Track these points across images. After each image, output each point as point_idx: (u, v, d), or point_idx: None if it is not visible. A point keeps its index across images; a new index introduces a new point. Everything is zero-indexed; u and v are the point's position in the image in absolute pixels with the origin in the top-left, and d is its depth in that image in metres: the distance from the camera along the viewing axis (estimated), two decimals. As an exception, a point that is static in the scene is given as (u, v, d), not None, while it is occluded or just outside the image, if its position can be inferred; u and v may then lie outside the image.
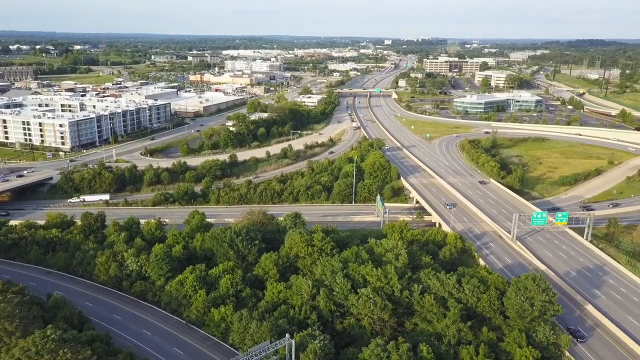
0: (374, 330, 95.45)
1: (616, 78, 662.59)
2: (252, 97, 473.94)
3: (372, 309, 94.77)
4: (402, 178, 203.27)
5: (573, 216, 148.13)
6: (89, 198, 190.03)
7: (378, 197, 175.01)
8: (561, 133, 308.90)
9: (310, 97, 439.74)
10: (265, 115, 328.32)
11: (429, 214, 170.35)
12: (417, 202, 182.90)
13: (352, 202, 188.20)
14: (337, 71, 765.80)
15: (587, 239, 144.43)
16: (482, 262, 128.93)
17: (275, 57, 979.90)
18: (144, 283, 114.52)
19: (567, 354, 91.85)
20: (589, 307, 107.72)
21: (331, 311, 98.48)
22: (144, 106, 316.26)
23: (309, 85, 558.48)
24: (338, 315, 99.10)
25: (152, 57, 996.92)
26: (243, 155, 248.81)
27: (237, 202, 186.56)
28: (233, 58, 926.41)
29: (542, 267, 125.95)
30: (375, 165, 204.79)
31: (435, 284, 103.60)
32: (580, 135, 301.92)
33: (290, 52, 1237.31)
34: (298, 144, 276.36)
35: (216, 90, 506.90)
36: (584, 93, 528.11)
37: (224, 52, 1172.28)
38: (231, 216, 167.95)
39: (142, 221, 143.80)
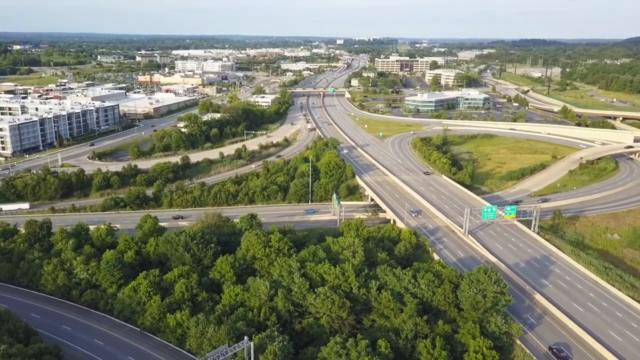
0: (333, 329, 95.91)
1: (557, 76, 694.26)
2: (204, 97, 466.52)
3: (331, 308, 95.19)
4: (357, 176, 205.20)
5: (521, 209, 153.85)
6: (6, 207, 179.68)
7: (334, 195, 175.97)
8: (508, 129, 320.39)
9: (263, 97, 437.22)
10: (218, 115, 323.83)
11: (384, 211, 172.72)
12: (372, 199, 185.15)
13: (308, 202, 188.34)
14: (290, 71, 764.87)
15: (534, 231, 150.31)
16: (436, 257, 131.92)
17: (227, 57, 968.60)
18: (95, 291, 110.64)
19: (519, 341, 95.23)
20: (538, 296, 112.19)
21: (290, 311, 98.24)
22: (91, 108, 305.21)
23: (262, 85, 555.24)
24: (297, 315, 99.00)
25: (98, 57, 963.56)
26: (196, 156, 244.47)
27: (190, 204, 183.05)
28: (184, 58, 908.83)
29: (493, 259, 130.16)
30: (330, 164, 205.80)
31: (392, 279, 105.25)
32: (528, 131, 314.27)
33: (243, 51, 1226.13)
34: (252, 144, 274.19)
35: (167, 91, 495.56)
36: (528, 91, 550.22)
37: (174, 52, 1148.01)
38: (185, 219, 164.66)
39: (91, 227, 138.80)
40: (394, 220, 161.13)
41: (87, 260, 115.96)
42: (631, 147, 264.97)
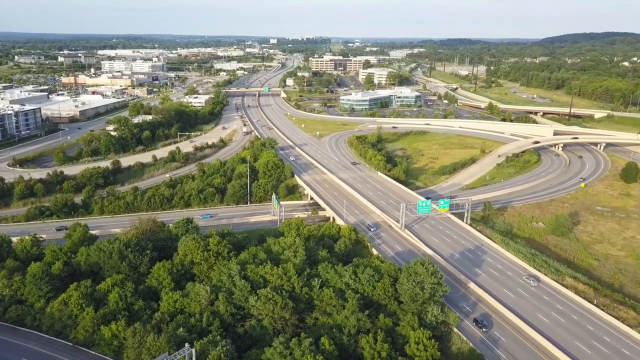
0: (276, 330, 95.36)
1: (483, 74, 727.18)
2: (134, 99, 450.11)
3: (273, 309, 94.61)
4: (296, 176, 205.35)
5: (454, 202, 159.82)
6: None
7: (273, 196, 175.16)
8: (439, 126, 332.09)
9: (197, 97, 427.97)
10: (149, 117, 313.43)
11: (323, 209, 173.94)
12: (312, 198, 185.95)
13: (247, 203, 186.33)
14: (224, 70, 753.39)
15: (466, 223, 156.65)
16: (375, 252, 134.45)
17: (157, 57, 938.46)
18: (20, 307, 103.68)
19: (455, 329, 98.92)
20: (472, 285, 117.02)
21: (232, 315, 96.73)
22: (9, 112, 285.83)
23: (195, 85, 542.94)
24: (239, 318, 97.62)
25: (16, 57, 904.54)
26: (127, 160, 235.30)
27: (123, 211, 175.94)
28: (110, 58, 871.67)
29: (429, 251, 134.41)
30: (269, 164, 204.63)
31: (333, 277, 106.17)
32: (461, 127, 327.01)
33: (174, 51, 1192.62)
34: (187, 146, 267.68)
35: (93, 92, 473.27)
36: (457, 88, 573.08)
37: (100, 52, 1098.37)
38: (118, 226, 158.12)
39: (14, 239, 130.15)
40: (334, 218, 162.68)
41: (9, 274, 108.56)
42: (537, 142, 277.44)
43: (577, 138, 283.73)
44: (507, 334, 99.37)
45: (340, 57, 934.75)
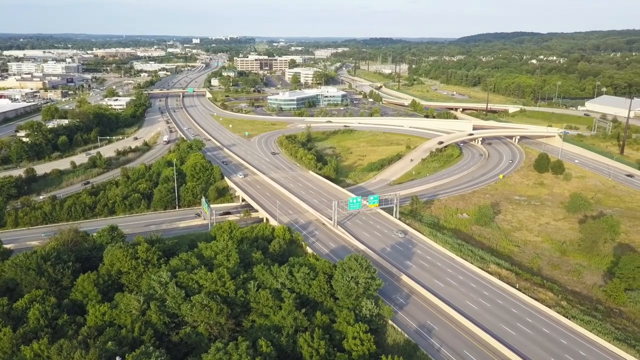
0: (212, 335, 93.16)
1: (405, 72, 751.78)
2: (48, 102, 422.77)
3: (208, 315, 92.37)
4: (225, 178, 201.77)
5: (383, 198, 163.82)
6: None
7: (203, 199, 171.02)
8: (366, 124, 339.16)
9: (117, 99, 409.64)
10: (66, 121, 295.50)
11: (256, 211, 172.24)
12: (243, 200, 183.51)
13: (176, 208, 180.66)
14: (145, 71, 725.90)
15: (396, 217, 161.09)
16: (310, 250, 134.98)
17: (71, 57, 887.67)
18: None
19: (390, 322, 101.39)
20: (404, 277, 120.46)
21: (165, 323, 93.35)
22: None
23: (114, 87, 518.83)
24: (173, 326, 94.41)
25: None
26: (43, 168, 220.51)
27: (41, 222, 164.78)
28: (18, 59, 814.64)
29: (362, 247, 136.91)
30: (196, 167, 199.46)
31: (269, 278, 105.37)
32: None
33: (89, 52, 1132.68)
34: (108, 150, 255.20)
35: (0, 96, 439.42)
36: (381, 87, 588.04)
37: (6, 52, 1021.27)
38: (35, 239, 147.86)
39: None
40: (267, 219, 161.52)
41: None
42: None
43: (494, 132, 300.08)
44: (440, 323, 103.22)
45: (266, 57, 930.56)
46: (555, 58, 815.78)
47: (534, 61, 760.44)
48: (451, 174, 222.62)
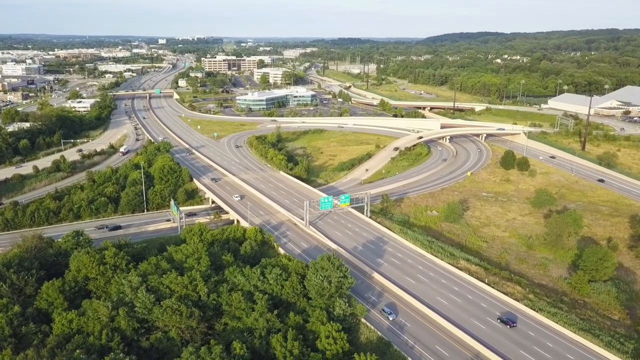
0: (184, 340, 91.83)
1: (374, 72, 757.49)
2: (7, 105, 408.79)
3: (179, 319, 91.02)
4: (195, 179, 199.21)
5: (354, 197, 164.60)
6: None
7: (172, 202, 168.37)
8: (335, 124, 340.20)
9: (81, 101, 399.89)
10: (27, 125, 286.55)
11: (227, 212, 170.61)
12: (213, 202, 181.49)
13: (144, 211, 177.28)
14: (110, 72, 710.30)
15: (367, 216, 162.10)
16: (282, 251, 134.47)
17: (31, 58, 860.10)
18: None
19: (363, 320, 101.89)
20: (376, 275, 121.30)
21: (135, 329, 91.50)
22: None
23: (78, 88, 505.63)
24: (143, 332, 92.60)
25: None
26: (3, 173, 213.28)
27: (2, 228, 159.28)
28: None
29: (334, 246, 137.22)
30: (164, 169, 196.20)
31: (241, 280, 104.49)
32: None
33: (51, 52, 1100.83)
34: (72, 154, 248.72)
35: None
36: (350, 86, 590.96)
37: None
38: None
39: None
40: (238, 220, 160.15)
41: None
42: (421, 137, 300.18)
43: (461, 130, 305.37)
44: (412, 319, 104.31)
45: (234, 57, 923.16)
46: (518, 57, 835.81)
47: (498, 60, 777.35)
48: (420, 172, 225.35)
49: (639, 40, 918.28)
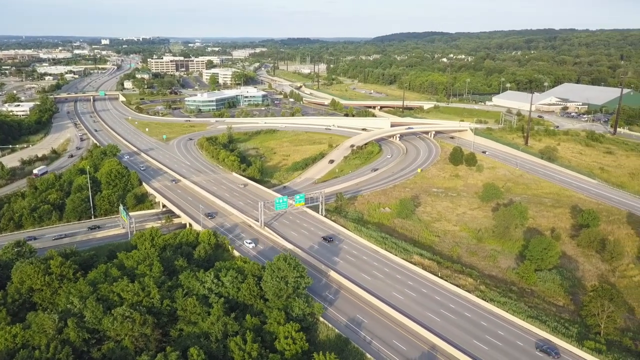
0: (138, 348, 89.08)
1: (324, 72, 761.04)
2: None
3: (132, 327, 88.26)
4: (144, 184, 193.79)
5: (308, 196, 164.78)
6: None
7: (121, 207, 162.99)
8: (287, 123, 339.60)
9: (19, 105, 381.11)
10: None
11: (178, 216, 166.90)
12: (164, 206, 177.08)
13: (91, 218, 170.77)
14: (50, 74, 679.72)
15: (322, 214, 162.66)
16: (237, 254, 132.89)
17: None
18: None
19: (321, 318, 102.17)
20: (332, 273, 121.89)
21: (85, 340, 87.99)
22: None
23: (15, 91, 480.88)
24: (94, 342, 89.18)
25: None
26: None
27: None
28: None
29: (290, 246, 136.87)
30: (112, 173, 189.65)
31: (195, 284, 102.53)
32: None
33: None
34: (11, 160, 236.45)
35: None
36: (301, 86, 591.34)
37: None
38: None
39: None
40: (190, 224, 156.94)
41: None
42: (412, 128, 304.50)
43: (411, 128, 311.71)
44: (369, 315, 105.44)
45: (182, 58, 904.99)
46: (463, 56, 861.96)
47: (444, 59, 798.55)
48: (373, 170, 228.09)
49: (573, 40, 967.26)
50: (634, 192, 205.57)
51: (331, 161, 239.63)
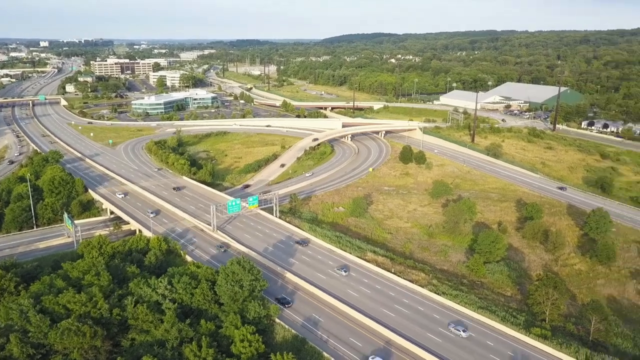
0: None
1: (274, 73, 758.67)
2: None
3: (80, 340, 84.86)
4: (90, 190, 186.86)
5: (262, 198, 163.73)
6: None
7: (65, 215, 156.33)
8: (238, 125, 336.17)
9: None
10: None
11: (127, 223, 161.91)
12: (112, 212, 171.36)
13: (33, 227, 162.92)
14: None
15: (276, 216, 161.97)
16: (189, 259, 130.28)
17: None
18: None
19: (278, 320, 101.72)
20: (288, 275, 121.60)
21: (30, 355, 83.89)
22: None
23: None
24: (40, 357, 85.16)
25: None
26: None
27: None
28: None
29: (244, 249, 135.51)
30: (55, 181, 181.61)
31: (147, 291, 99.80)
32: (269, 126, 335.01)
33: None
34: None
35: None
36: (251, 88, 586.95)
37: None
38: None
39: None
40: (140, 230, 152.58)
41: None
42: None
43: (363, 128, 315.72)
44: (325, 314, 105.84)
45: (127, 60, 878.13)
46: (411, 57, 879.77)
47: (393, 60, 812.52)
48: (325, 171, 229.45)
49: (514, 41, 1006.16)
50: (573, 184, 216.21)
51: (283, 165, 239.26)
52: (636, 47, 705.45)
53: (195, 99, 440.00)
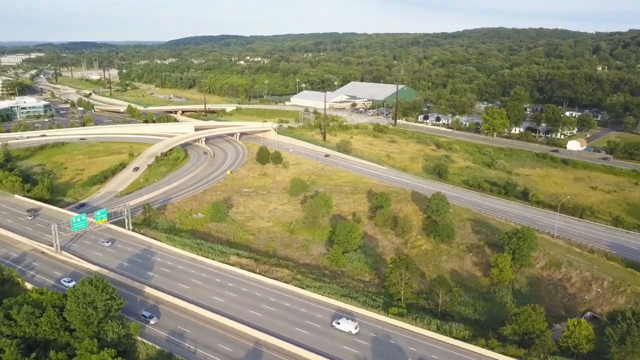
0: None
1: (116, 77, 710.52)
2: None
3: None
4: None
5: (112, 211, 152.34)
6: None
7: None
8: (78, 134, 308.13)
9: None
10: None
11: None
12: None
13: None
14: None
15: (129, 229, 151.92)
16: (29, 286, 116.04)
17: None
18: None
19: (140, 338, 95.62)
20: (147, 289, 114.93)
21: None
22: None
23: None
24: None
25: None
26: None
27: None
28: None
29: (95, 268, 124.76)
30: None
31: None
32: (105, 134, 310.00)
33: None
34: None
35: None
36: (90, 94, 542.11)
37: None
38: None
39: None
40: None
41: None
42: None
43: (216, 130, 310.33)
44: (192, 325, 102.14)
45: None
46: (260, 59, 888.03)
47: (242, 62, 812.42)
48: (180, 177, 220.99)
49: (355, 43, 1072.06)
50: (414, 173, 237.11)
51: (136, 168, 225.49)
52: (457, 49, 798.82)
53: (23, 108, 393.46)
